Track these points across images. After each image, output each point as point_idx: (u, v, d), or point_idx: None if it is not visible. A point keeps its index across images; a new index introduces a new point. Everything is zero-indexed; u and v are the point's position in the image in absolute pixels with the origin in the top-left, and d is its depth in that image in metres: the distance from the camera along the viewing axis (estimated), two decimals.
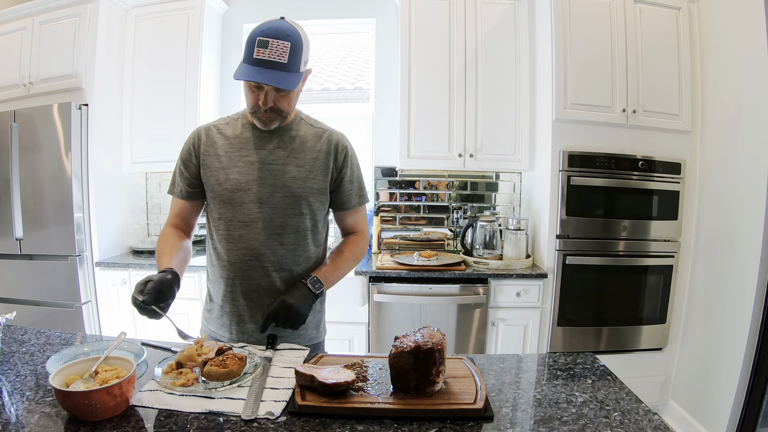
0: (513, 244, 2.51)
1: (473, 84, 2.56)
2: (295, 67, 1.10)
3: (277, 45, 1.07)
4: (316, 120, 1.32)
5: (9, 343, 1.17)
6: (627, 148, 2.35)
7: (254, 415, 0.82)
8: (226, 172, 1.21)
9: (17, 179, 2.45)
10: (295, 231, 1.22)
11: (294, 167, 1.21)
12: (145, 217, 3.12)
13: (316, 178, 1.23)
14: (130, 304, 1.02)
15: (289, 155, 1.22)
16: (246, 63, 1.09)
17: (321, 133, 1.27)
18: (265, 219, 1.20)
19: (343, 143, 1.28)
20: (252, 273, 1.22)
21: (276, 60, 1.07)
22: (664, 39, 2.36)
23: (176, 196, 1.30)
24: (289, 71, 1.09)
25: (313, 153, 1.24)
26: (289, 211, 1.21)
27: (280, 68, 1.07)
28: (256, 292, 1.23)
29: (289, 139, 1.24)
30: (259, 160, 1.21)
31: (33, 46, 2.59)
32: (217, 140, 1.25)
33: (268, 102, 1.13)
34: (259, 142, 1.23)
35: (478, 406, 0.83)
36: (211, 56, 2.86)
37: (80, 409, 0.78)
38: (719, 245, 2.24)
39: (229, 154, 1.23)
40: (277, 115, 1.18)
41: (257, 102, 1.14)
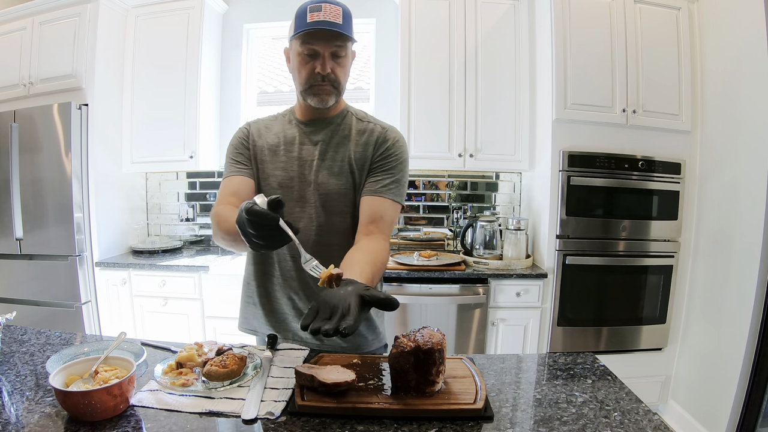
0: (513, 244, 2.51)
1: (473, 84, 2.56)
2: (350, 31, 1.08)
3: (330, 8, 1.05)
4: (366, 114, 1.26)
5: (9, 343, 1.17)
6: (627, 148, 2.35)
7: (254, 415, 0.82)
8: (271, 167, 1.19)
9: (17, 179, 2.45)
10: (336, 230, 1.18)
11: (336, 162, 1.17)
12: (145, 217, 3.12)
13: (357, 174, 1.17)
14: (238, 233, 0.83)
15: (332, 151, 1.18)
16: (300, 31, 1.06)
17: (367, 128, 1.21)
18: (307, 219, 1.17)
19: (386, 136, 1.19)
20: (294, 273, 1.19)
21: (332, 20, 1.05)
22: (664, 39, 2.36)
23: (233, 174, 1.20)
24: (346, 32, 1.07)
25: (358, 147, 1.18)
26: (332, 210, 1.17)
27: (336, 28, 1.05)
28: (298, 294, 1.20)
29: (333, 133, 1.20)
30: (302, 156, 1.18)
31: (33, 46, 2.59)
32: (264, 134, 1.23)
33: (327, 67, 1.09)
34: (304, 138, 1.20)
35: (478, 406, 0.83)
36: (211, 56, 2.87)
37: (80, 409, 0.78)
38: (719, 245, 2.24)
39: (273, 149, 1.20)
40: (334, 88, 1.13)
41: (313, 71, 1.10)
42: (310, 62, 1.10)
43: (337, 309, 0.78)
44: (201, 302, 2.48)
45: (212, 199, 3.09)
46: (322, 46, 1.08)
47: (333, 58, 1.10)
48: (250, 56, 3.09)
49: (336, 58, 1.10)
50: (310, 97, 1.14)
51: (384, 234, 1.15)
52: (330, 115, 1.21)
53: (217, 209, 1.13)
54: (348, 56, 1.13)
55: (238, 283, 2.49)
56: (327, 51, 1.08)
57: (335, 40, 1.08)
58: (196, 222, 3.11)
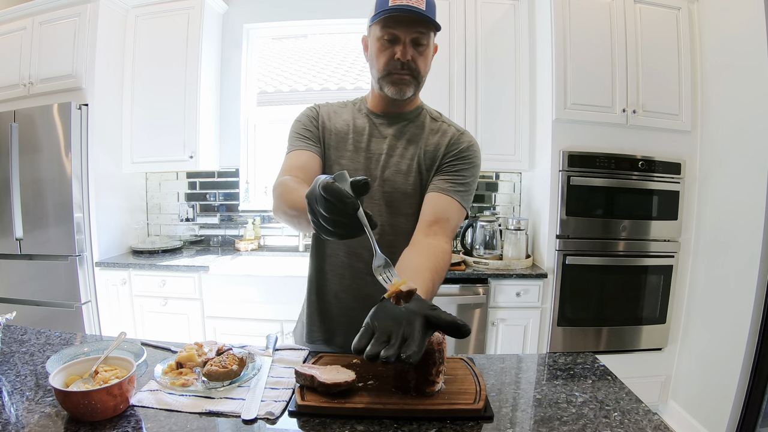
0: (513, 244, 2.51)
1: (473, 84, 2.56)
2: (434, 17, 1.02)
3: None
4: (441, 114, 1.19)
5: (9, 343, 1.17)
6: (627, 148, 2.35)
7: (254, 415, 0.82)
8: (336, 155, 1.11)
9: (17, 179, 2.45)
10: (399, 232, 1.09)
11: (405, 160, 1.10)
12: (145, 217, 3.12)
13: (423, 173, 1.10)
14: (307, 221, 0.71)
15: (401, 147, 1.11)
16: (380, 12, 1.00)
17: (441, 128, 1.14)
18: None
19: (461, 139, 1.12)
20: (351, 273, 1.12)
21: (414, 5, 0.98)
22: (664, 39, 2.36)
23: (300, 149, 1.10)
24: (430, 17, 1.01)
25: (429, 147, 1.11)
26: (395, 210, 1.10)
27: (420, 14, 0.99)
28: (358, 300, 1.12)
29: (405, 129, 1.13)
30: (370, 149, 1.11)
31: (33, 46, 2.59)
32: (334, 120, 1.15)
33: (407, 53, 1.02)
34: (374, 130, 1.13)
35: (478, 406, 0.83)
36: (211, 56, 2.86)
37: (80, 409, 0.78)
38: (719, 245, 2.24)
39: (341, 136, 1.13)
40: (413, 78, 1.06)
41: (392, 57, 1.03)
42: (389, 48, 1.04)
43: (398, 331, 0.68)
44: (201, 302, 2.48)
45: (212, 199, 3.09)
46: (403, 31, 1.02)
47: (414, 46, 1.03)
48: (250, 56, 3.09)
49: (417, 45, 1.03)
50: (387, 86, 1.07)
51: (447, 237, 1.05)
52: (404, 109, 1.15)
53: (283, 179, 1.01)
54: (430, 46, 1.06)
55: (238, 283, 2.52)
56: (408, 37, 1.02)
57: (417, 26, 1.01)
58: (196, 222, 3.11)
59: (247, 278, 2.43)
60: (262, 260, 2.84)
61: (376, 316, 0.72)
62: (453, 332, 0.70)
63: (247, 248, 2.91)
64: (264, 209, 3.06)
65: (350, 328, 1.12)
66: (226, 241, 3.08)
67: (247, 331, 2.39)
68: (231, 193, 3.07)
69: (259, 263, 2.80)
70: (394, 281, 0.75)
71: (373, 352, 0.66)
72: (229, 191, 3.07)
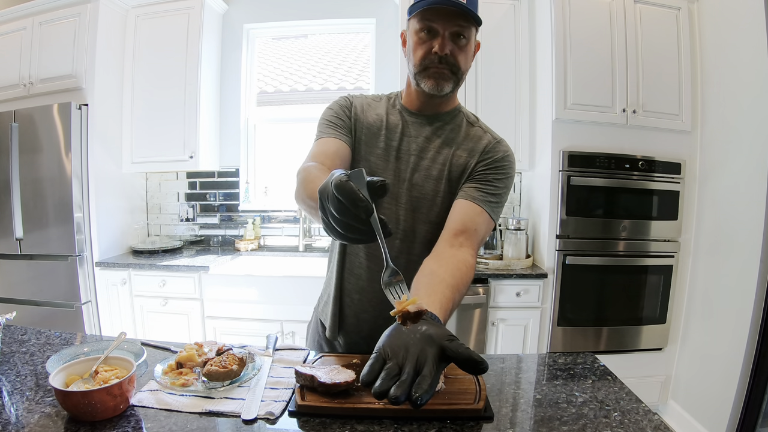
0: (513, 244, 2.51)
1: (473, 84, 2.56)
2: (475, 12, 0.96)
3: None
4: (479, 119, 1.14)
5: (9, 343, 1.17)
6: (627, 148, 2.35)
7: (254, 415, 0.82)
8: (366, 150, 1.07)
9: (17, 179, 2.45)
10: (420, 240, 1.05)
11: (437, 164, 1.05)
12: (145, 217, 3.12)
13: (453, 180, 1.05)
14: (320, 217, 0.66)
15: (434, 150, 1.06)
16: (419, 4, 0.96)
17: (476, 133, 1.09)
18: (394, 220, 1.04)
19: (497, 147, 1.07)
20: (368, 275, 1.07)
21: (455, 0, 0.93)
22: (664, 39, 2.36)
23: (330, 137, 1.04)
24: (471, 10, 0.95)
25: (462, 152, 1.06)
26: (418, 216, 1.05)
27: (459, 6, 0.94)
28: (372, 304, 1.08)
29: (440, 130, 1.08)
30: (401, 148, 1.06)
31: (33, 46, 2.59)
32: (367, 112, 1.10)
33: (446, 47, 0.96)
34: (407, 128, 1.07)
35: (478, 406, 0.83)
36: (211, 56, 2.86)
37: (80, 409, 0.78)
38: (719, 245, 2.24)
39: (372, 131, 1.08)
40: (452, 74, 1.00)
41: (430, 50, 0.98)
42: (427, 41, 0.98)
43: (412, 362, 0.62)
44: (201, 302, 2.48)
45: (212, 199, 3.09)
46: (442, 24, 0.96)
47: (453, 40, 0.97)
48: (250, 56, 3.09)
49: (457, 39, 0.98)
50: (423, 81, 1.01)
51: (473, 249, 0.99)
52: (441, 109, 1.09)
53: (308, 165, 0.95)
54: (471, 41, 1.00)
55: (238, 284, 2.52)
56: (447, 30, 0.96)
57: (457, 19, 0.95)
58: (196, 222, 3.11)
59: (247, 278, 2.43)
60: (262, 260, 2.84)
61: (390, 342, 0.66)
62: (470, 368, 0.64)
63: (247, 248, 2.91)
64: (264, 209, 3.07)
65: (358, 330, 1.13)
66: (226, 241, 3.08)
67: (247, 331, 2.39)
68: (231, 193, 3.07)
69: (259, 263, 2.80)
70: (403, 298, 0.71)
71: (382, 389, 0.59)
72: (229, 191, 3.07)
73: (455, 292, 0.86)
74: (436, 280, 0.86)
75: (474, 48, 1.03)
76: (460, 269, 0.91)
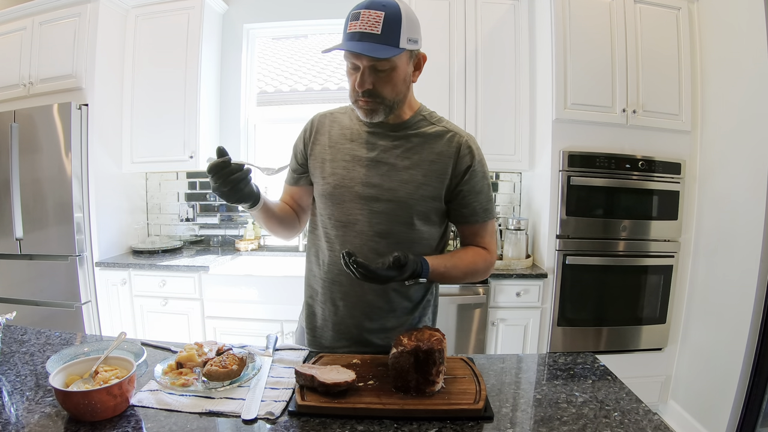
0: (513, 244, 2.51)
1: (473, 84, 2.56)
2: (392, 40, 0.96)
3: (369, 15, 0.95)
4: (442, 118, 1.17)
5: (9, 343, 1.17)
6: (627, 148, 2.35)
7: (254, 415, 0.82)
8: (332, 166, 1.12)
9: (17, 179, 2.45)
10: (398, 241, 1.08)
11: (405, 169, 1.08)
12: (145, 217, 3.12)
13: (429, 184, 1.08)
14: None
15: (402, 155, 1.09)
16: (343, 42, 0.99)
17: (443, 133, 1.12)
18: (364, 223, 1.09)
19: (468, 145, 1.11)
20: (343, 279, 1.12)
21: (368, 31, 0.95)
22: (664, 39, 2.35)
23: (289, 184, 1.26)
24: (384, 43, 0.95)
25: (431, 155, 1.09)
26: (394, 219, 1.08)
27: (372, 39, 0.95)
28: (345, 300, 1.14)
29: (406, 137, 1.11)
30: (368, 156, 1.10)
31: (33, 46, 2.59)
32: (331, 129, 1.16)
33: (364, 83, 0.99)
34: (372, 137, 1.11)
35: (478, 406, 0.83)
36: (211, 56, 2.86)
37: (80, 409, 0.78)
38: (719, 245, 2.23)
39: (337, 145, 1.13)
40: (379, 104, 1.03)
41: (355, 84, 1.01)
42: (353, 74, 1.02)
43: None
44: (201, 302, 2.48)
45: (212, 199, 3.09)
46: (360, 60, 0.99)
47: (375, 72, 1.00)
48: (250, 56, 3.09)
49: (378, 72, 1.00)
50: (357, 110, 1.08)
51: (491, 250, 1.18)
52: (399, 120, 1.12)
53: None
54: (396, 70, 1.01)
55: (238, 284, 2.52)
56: (366, 65, 0.99)
57: (371, 55, 0.95)
58: (196, 222, 3.11)
59: (247, 278, 2.43)
60: (262, 260, 2.84)
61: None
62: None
63: (247, 248, 2.91)
64: None
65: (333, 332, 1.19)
66: (226, 241, 3.08)
67: (247, 331, 2.39)
68: None
69: (259, 263, 2.80)
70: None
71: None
72: None
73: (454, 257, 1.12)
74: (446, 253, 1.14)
75: (409, 67, 1.06)
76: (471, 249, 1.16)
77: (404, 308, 1.17)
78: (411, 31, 1.00)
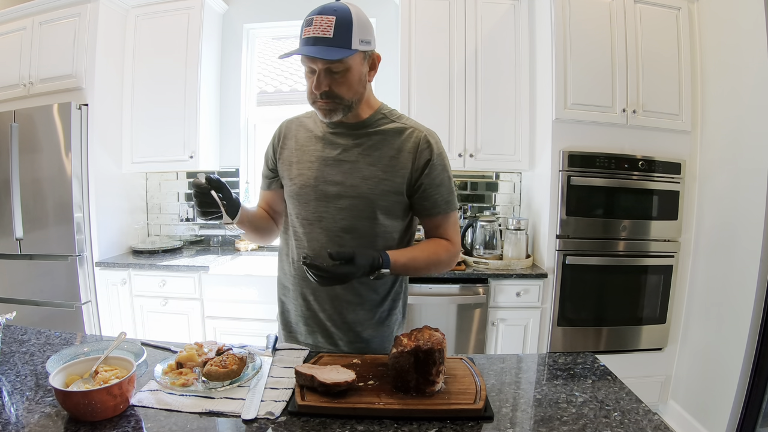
0: (513, 244, 2.51)
1: (473, 84, 2.56)
2: (345, 42, 1.00)
3: (321, 20, 1.00)
4: (402, 115, 1.21)
5: (9, 343, 1.17)
6: (627, 148, 2.35)
7: (254, 415, 0.82)
8: (298, 167, 1.18)
9: (17, 179, 2.45)
10: (362, 236, 1.13)
11: (366, 166, 1.12)
12: (145, 217, 3.12)
13: (391, 180, 1.12)
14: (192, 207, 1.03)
15: (362, 153, 1.13)
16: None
17: (403, 129, 1.16)
18: (329, 220, 1.14)
19: (427, 140, 1.15)
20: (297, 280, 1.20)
21: (320, 35, 0.99)
22: (664, 39, 2.36)
23: (263, 189, 1.32)
24: (337, 46, 1.00)
25: (391, 151, 1.13)
26: (358, 214, 1.12)
27: (325, 43, 0.99)
28: (315, 295, 1.19)
29: (366, 135, 1.15)
30: (331, 156, 1.15)
31: (33, 46, 2.59)
32: (297, 133, 1.23)
33: (321, 85, 1.04)
34: (334, 138, 1.16)
35: (478, 406, 0.83)
36: (211, 56, 2.86)
37: (80, 409, 0.78)
38: (719, 245, 2.24)
39: (303, 148, 1.19)
40: (338, 104, 1.07)
41: (311, 88, 1.06)
42: (310, 77, 1.06)
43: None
44: (201, 302, 2.48)
45: None
46: (315, 63, 1.03)
47: (330, 74, 1.04)
48: (250, 56, 3.09)
49: (333, 74, 1.04)
50: (317, 111, 1.12)
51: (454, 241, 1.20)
52: (359, 119, 1.16)
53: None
54: (350, 70, 1.05)
55: (238, 284, 2.52)
56: (321, 67, 1.03)
57: (324, 58, 1.00)
58: (196, 222, 3.11)
59: (247, 278, 2.43)
60: (262, 260, 2.84)
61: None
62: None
63: (247, 248, 2.91)
64: None
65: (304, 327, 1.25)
66: (226, 241, 3.08)
67: (247, 331, 2.39)
68: None
69: (259, 263, 2.80)
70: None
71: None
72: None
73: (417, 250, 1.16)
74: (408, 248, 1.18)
75: (364, 67, 1.10)
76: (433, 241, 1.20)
77: (373, 300, 1.20)
78: (363, 33, 1.04)
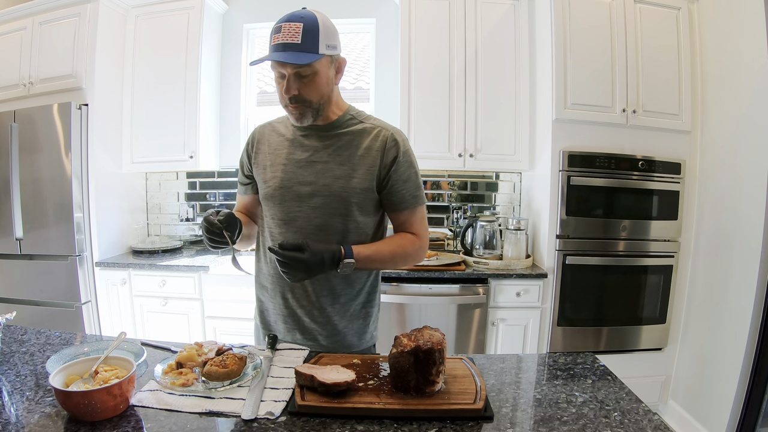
0: (513, 244, 2.51)
1: (473, 84, 2.56)
2: (312, 47, 1.06)
3: (289, 27, 1.06)
4: (370, 116, 1.25)
5: (9, 343, 1.17)
6: (627, 148, 2.35)
7: (254, 415, 0.82)
8: (272, 170, 1.21)
9: (17, 179, 2.45)
10: (335, 232, 1.17)
11: (336, 165, 1.17)
12: (145, 217, 3.12)
13: (360, 177, 1.16)
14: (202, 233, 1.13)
15: (333, 153, 1.18)
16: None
17: (371, 129, 1.20)
18: (303, 219, 1.17)
19: (394, 138, 1.19)
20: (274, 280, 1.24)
21: (289, 41, 1.05)
22: (664, 39, 2.35)
23: (240, 194, 1.37)
24: (305, 51, 1.05)
25: (360, 150, 1.17)
26: (330, 212, 1.16)
27: (294, 49, 1.05)
28: (293, 292, 1.22)
29: (336, 135, 1.19)
30: (302, 158, 1.19)
31: (33, 46, 2.59)
32: (270, 138, 1.26)
33: (291, 89, 1.09)
34: (305, 140, 1.20)
35: (478, 406, 0.83)
36: (211, 56, 2.86)
37: (80, 409, 0.78)
38: (719, 245, 2.24)
39: (276, 151, 1.23)
40: (307, 107, 1.12)
41: (282, 92, 1.11)
42: (281, 82, 1.11)
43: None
44: (201, 302, 2.48)
45: (212, 199, 3.10)
46: (285, 68, 1.08)
47: (299, 78, 1.09)
48: (250, 56, 3.09)
49: (302, 78, 1.09)
50: (289, 116, 1.18)
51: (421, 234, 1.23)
52: (328, 121, 1.20)
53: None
54: (318, 74, 1.10)
55: (238, 283, 2.52)
56: (290, 72, 1.08)
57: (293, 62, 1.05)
58: (196, 222, 3.11)
59: (247, 278, 2.43)
60: None
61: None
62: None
63: (247, 249, 2.90)
64: None
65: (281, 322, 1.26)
66: None
67: (247, 331, 2.38)
68: (231, 193, 3.07)
69: None
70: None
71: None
72: (229, 191, 3.07)
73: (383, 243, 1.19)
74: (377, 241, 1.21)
75: (331, 71, 1.14)
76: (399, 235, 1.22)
77: (348, 294, 1.23)
78: (329, 38, 1.09)
